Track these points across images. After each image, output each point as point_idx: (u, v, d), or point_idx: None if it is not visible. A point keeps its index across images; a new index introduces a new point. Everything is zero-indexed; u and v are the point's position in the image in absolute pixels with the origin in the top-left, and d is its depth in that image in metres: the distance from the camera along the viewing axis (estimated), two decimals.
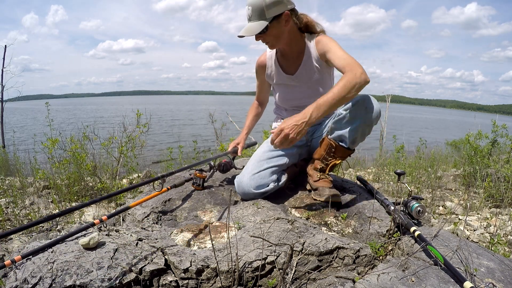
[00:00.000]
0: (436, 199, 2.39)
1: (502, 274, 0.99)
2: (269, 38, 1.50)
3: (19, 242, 1.57)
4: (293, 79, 1.68)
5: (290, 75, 1.68)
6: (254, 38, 1.49)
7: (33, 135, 3.59)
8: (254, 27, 1.43)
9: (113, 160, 2.89)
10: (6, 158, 4.12)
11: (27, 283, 0.88)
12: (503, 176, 2.44)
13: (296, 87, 1.70)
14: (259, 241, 1.08)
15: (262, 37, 1.50)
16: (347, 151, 1.53)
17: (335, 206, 1.52)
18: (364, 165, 4.11)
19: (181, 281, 0.96)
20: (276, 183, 1.57)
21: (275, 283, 0.97)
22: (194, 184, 1.75)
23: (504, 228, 1.84)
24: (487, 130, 3.25)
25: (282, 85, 1.75)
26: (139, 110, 3.09)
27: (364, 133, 1.47)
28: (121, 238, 1.14)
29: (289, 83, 1.71)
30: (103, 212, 2.02)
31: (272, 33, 1.48)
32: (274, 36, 1.50)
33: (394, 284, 0.94)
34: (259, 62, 1.81)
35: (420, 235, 1.12)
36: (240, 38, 1.49)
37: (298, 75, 1.66)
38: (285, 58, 1.69)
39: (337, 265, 1.06)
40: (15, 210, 1.89)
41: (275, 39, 1.52)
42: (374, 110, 1.40)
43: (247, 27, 1.46)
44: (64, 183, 2.36)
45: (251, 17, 1.44)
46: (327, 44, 1.52)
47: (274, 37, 1.50)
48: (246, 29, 1.45)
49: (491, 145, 3.08)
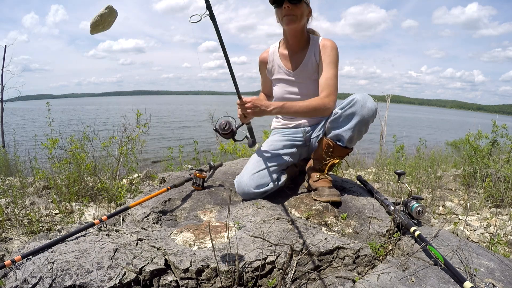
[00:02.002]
0: (436, 199, 2.39)
1: (502, 274, 0.99)
2: (299, 11, 1.52)
3: (19, 242, 1.57)
4: (293, 75, 1.69)
5: (290, 70, 1.70)
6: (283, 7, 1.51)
7: (34, 136, 3.59)
8: None
9: (113, 160, 2.89)
10: (6, 158, 4.12)
11: (27, 283, 0.88)
12: (503, 176, 2.44)
13: (294, 84, 1.71)
14: (259, 241, 1.08)
15: (294, 8, 1.51)
16: (345, 150, 1.54)
17: (335, 206, 1.52)
18: (364, 165, 4.11)
19: (181, 281, 0.96)
20: (276, 183, 1.56)
21: (275, 283, 0.97)
22: (194, 184, 1.75)
23: (504, 228, 1.83)
24: (487, 130, 3.25)
25: (281, 80, 1.75)
26: (139, 110, 3.09)
27: (361, 131, 1.47)
28: (121, 238, 1.14)
29: (288, 78, 1.72)
30: (103, 212, 2.02)
31: (303, 8, 1.53)
32: (301, 15, 1.53)
33: (394, 284, 0.94)
34: (261, 57, 1.82)
35: (420, 235, 1.12)
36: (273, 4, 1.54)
37: (298, 71, 1.67)
38: (288, 53, 1.70)
39: (337, 265, 1.06)
40: (15, 210, 1.89)
41: (301, 16, 1.54)
42: (369, 108, 1.41)
43: None
44: (64, 183, 2.36)
45: None
46: (330, 54, 1.59)
47: (301, 14, 1.53)
48: None
49: (491, 145, 3.08)
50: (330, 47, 1.59)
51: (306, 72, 1.65)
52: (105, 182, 2.32)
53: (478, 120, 4.46)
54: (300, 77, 1.68)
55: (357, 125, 1.43)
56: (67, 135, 2.82)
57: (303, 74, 1.67)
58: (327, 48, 1.60)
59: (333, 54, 1.59)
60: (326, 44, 1.61)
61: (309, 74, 1.65)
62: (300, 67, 1.66)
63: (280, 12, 1.55)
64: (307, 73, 1.66)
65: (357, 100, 1.41)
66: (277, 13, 1.59)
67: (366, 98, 1.42)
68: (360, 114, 1.41)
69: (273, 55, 1.76)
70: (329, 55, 1.59)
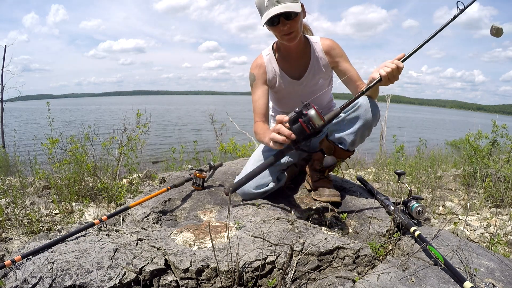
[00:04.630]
0: (436, 199, 2.39)
1: (502, 274, 0.99)
2: (296, 25, 1.37)
3: (19, 242, 1.57)
4: (299, 84, 1.61)
5: (296, 80, 1.60)
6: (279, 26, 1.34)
7: (34, 136, 3.59)
8: (293, 6, 1.29)
9: (113, 160, 2.89)
10: (6, 158, 4.12)
11: (27, 283, 0.88)
12: (503, 176, 2.44)
13: (298, 92, 1.63)
14: (259, 241, 1.08)
15: (291, 23, 1.34)
16: (346, 152, 1.53)
17: (335, 206, 1.52)
18: (364, 165, 4.11)
19: (181, 281, 0.96)
20: (276, 183, 1.56)
21: (275, 283, 0.97)
22: (194, 184, 1.75)
23: (504, 228, 1.84)
24: (487, 130, 3.25)
25: (283, 90, 1.64)
26: (139, 110, 3.09)
27: (364, 135, 1.46)
28: (121, 238, 1.14)
29: (293, 88, 1.62)
30: (103, 212, 2.02)
31: (299, 20, 1.38)
32: (300, 24, 1.39)
33: (394, 284, 0.94)
34: (258, 65, 1.58)
35: (420, 235, 1.12)
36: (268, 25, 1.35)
37: (305, 80, 1.59)
38: (287, 60, 1.59)
39: (337, 265, 1.06)
40: (15, 210, 1.89)
41: (300, 28, 1.40)
42: (373, 112, 1.40)
43: (285, 5, 1.29)
44: (64, 183, 2.36)
45: None
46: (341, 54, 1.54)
47: (300, 25, 1.39)
48: (285, 6, 1.28)
49: (491, 145, 3.08)
50: (337, 47, 1.55)
51: (313, 78, 1.59)
52: (105, 182, 2.32)
53: (478, 120, 4.46)
54: (306, 84, 1.61)
55: (360, 129, 1.42)
56: (67, 134, 2.83)
57: (310, 81, 1.60)
58: (335, 49, 1.55)
59: (342, 52, 1.55)
60: (330, 46, 1.55)
61: (316, 80, 1.60)
62: (307, 74, 1.58)
63: (278, 31, 1.39)
64: (314, 80, 1.60)
65: (361, 104, 1.38)
66: (273, 31, 1.42)
67: (370, 102, 1.40)
68: (364, 118, 1.39)
69: (270, 64, 1.59)
70: (341, 55, 1.55)
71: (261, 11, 1.35)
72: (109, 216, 1.29)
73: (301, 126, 1.13)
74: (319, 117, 1.12)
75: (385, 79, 1.22)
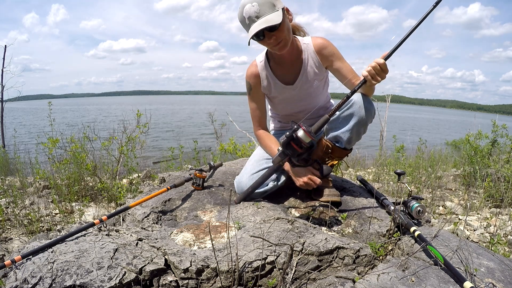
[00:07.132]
0: (436, 199, 2.39)
1: (502, 274, 0.99)
2: (283, 34, 1.33)
3: (19, 242, 1.57)
4: (293, 89, 1.59)
5: (289, 85, 1.58)
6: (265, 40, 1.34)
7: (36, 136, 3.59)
8: (272, 17, 1.26)
9: (113, 160, 2.89)
10: (6, 158, 4.12)
11: (27, 283, 0.88)
12: (503, 176, 2.44)
13: (293, 96, 1.62)
14: (259, 241, 1.08)
15: (276, 34, 1.32)
16: (343, 151, 1.52)
17: (335, 206, 1.52)
18: (364, 165, 4.11)
19: (181, 281, 0.96)
20: (276, 183, 1.56)
21: (275, 283, 0.97)
22: (194, 184, 1.75)
23: (504, 228, 1.83)
24: (487, 130, 3.25)
25: (279, 96, 1.63)
26: (139, 110, 3.09)
27: (360, 132, 1.46)
28: (121, 238, 1.14)
29: (288, 93, 1.61)
30: (103, 212, 2.02)
31: (284, 28, 1.33)
32: (287, 31, 1.35)
33: (394, 284, 0.94)
34: (253, 73, 1.58)
35: (420, 235, 1.12)
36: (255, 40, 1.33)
37: (298, 84, 1.58)
38: (281, 65, 1.56)
39: (337, 265, 1.06)
40: (15, 210, 1.89)
41: (288, 34, 1.36)
42: (368, 109, 1.40)
43: (264, 19, 1.27)
44: (64, 183, 2.36)
45: (260, 12, 1.27)
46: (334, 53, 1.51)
47: (287, 32, 1.35)
48: (265, 20, 1.26)
49: (491, 145, 3.08)
50: (328, 46, 1.51)
51: (307, 82, 1.57)
52: (105, 182, 2.32)
53: (478, 120, 4.46)
54: (301, 88, 1.59)
55: (355, 126, 1.42)
56: (67, 133, 2.83)
57: (304, 85, 1.58)
58: (327, 48, 1.51)
59: (334, 50, 1.52)
60: (322, 45, 1.51)
61: (310, 83, 1.58)
62: (300, 78, 1.56)
63: (266, 44, 1.38)
64: (308, 83, 1.58)
65: (355, 102, 1.39)
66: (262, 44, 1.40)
67: (364, 99, 1.40)
68: (358, 115, 1.39)
69: (264, 71, 1.57)
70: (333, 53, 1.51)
71: (245, 29, 1.36)
72: (109, 216, 1.29)
73: (293, 147, 1.29)
74: (307, 136, 1.26)
75: (368, 78, 1.27)
